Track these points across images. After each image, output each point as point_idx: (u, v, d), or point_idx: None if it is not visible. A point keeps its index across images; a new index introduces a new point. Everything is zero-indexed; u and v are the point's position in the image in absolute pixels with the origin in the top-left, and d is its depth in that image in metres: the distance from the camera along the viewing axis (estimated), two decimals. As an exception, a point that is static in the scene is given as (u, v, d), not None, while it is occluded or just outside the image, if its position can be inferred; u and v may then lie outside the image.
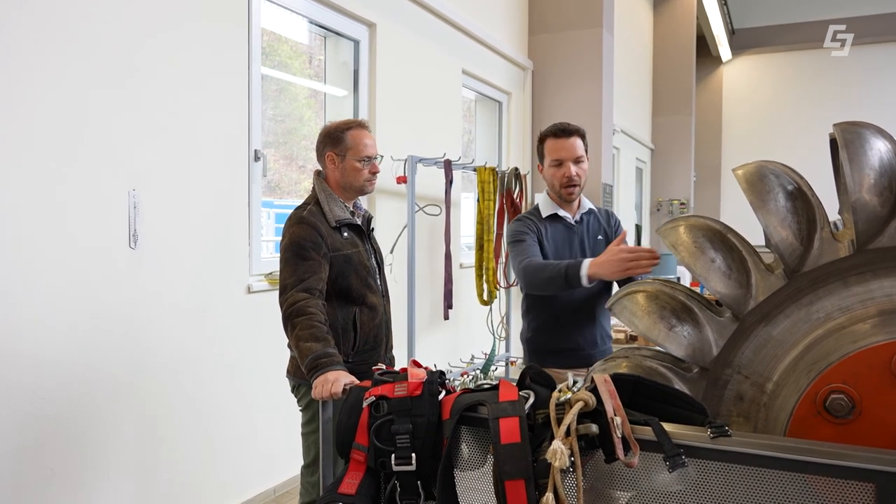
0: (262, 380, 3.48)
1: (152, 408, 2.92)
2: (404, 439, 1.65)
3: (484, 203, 5.02)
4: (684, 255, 1.78)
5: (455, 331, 5.46)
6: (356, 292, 2.28)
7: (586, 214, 2.55)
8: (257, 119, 3.45)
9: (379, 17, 4.42)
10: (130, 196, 2.76)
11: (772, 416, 1.71)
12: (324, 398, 1.82)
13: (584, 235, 2.50)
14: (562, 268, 2.17)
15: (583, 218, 2.53)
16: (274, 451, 3.60)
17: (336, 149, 2.34)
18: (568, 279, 2.15)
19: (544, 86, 7.01)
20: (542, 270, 2.24)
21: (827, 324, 1.69)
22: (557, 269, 2.19)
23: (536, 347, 2.49)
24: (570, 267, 2.16)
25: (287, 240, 2.22)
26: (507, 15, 6.61)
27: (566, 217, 2.50)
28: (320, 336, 2.02)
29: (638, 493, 1.51)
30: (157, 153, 2.90)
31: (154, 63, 2.88)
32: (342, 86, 4.44)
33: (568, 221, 2.50)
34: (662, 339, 1.76)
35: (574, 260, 2.19)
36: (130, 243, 2.76)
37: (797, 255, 1.66)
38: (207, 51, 3.15)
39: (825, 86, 12.39)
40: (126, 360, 2.79)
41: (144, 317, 2.86)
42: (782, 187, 1.70)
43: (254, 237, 3.44)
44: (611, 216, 2.63)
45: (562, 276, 2.17)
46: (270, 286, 3.48)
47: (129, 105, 2.78)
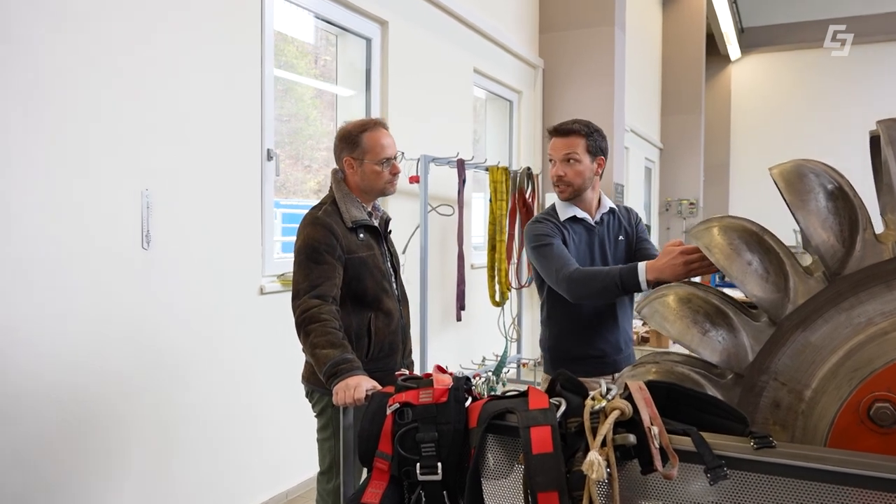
0: (275, 382, 3.43)
1: (163, 410, 2.87)
2: (429, 448, 1.59)
3: (496, 203, 4.96)
4: (719, 257, 1.71)
5: (466, 332, 5.40)
6: (371, 296, 2.21)
7: (607, 214, 2.46)
8: (270, 118, 3.40)
9: (391, 15, 4.37)
10: (143, 196, 2.71)
11: (811, 425, 1.65)
12: (346, 404, 1.77)
13: (604, 237, 2.42)
14: (615, 276, 2.06)
15: (603, 218, 2.44)
16: (286, 455, 3.55)
17: (353, 153, 2.26)
18: (625, 287, 2.04)
19: (555, 84, 6.94)
20: (592, 280, 2.11)
21: (868, 329, 1.62)
22: (610, 277, 2.07)
23: (559, 356, 2.39)
24: (626, 274, 2.04)
25: (301, 241, 2.16)
26: (518, 13, 6.55)
27: (585, 218, 2.41)
28: (337, 342, 1.96)
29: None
30: (170, 153, 2.86)
31: (166, 62, 2.84)
32: (350, 86, 4.38)
33: (588, 223, 2.41)
34: (696, 344, 1.70)
35: (626, 266, 2.07)
36: (143, 243, 2.72)
37: (839, 257, 1.59)
38: (220, 50, 3.10)
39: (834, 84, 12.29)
40: (137, 362, 2.75)
41: (156, 318, 2.82)
42: (822, 187, 1.63)
43: (266, 238, 3.39)
44: (631, 214, 2.54)
45: (616, 284, 2.05)
46: (283, 287, 3.43)
47: (142, 104, 2.74)
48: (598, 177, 2.41)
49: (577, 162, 2.33)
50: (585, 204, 2.41)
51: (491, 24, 5.76)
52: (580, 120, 2.39)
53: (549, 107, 6.96)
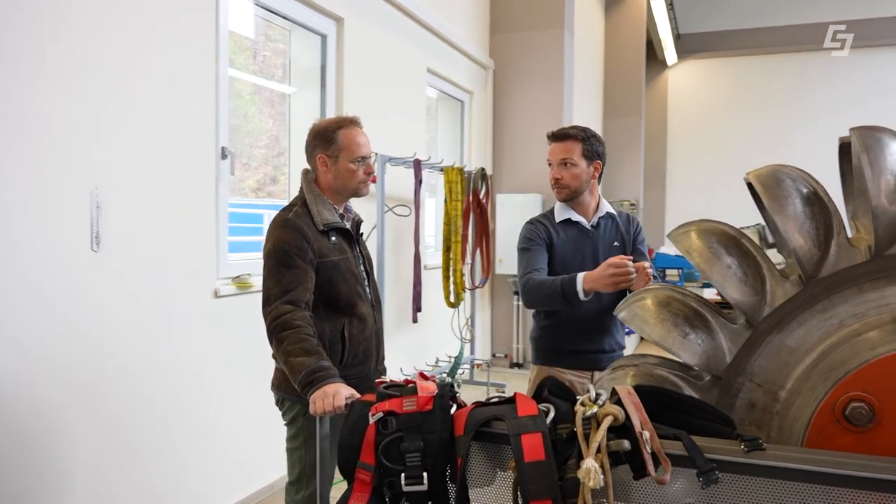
0: (233, 387, 3.32)
1: (116, 417, 2.73)
2: (415, 458, 1.55)
3: (451, 203, 4.94)
4: (699, 260, 1.73)
5: (419, 334, 5.35)
6: (345, 302, 2.15)
7: (604, 219, 2.53)
8: (224, 115, 3.27)
9: (347, 12, 4.29)
10: (93, 195, 2.56)
11: (786, 425, 1.68)
12: (325, 413, 1.71)
13: (598, 241, 2.49)
14: (557, 285, 2.20)
15: (600, 222, 2.52)
16: (245, 460, 3.44)
17: (328, 150, 2.19)
18: (565, 295, 2.18)
19: (505, 85, 6.98)
20: (539, 288, 2.27)
21: (841, 331, 1.67)
22: (553, 286, 2.21)
23: (545, 346, 2.51)
24: (566, 283, 2.18)
25: (271, 244, 2.08)
26: (470, 13, 6.55)
27: (581, 221, 2.49)
28: (312, 349, 1.89)
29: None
30: (121, 150, 2.71)
31: (117, 57, 2.69)
32: (298, 84, 4.27)
33: (583, 226, 2.49)
34: (677, 347, 1.72)
35: (568, 276, 2.21)
36: (93, 245, 2.57)
37: (814, 260, 1.63)
38: (174, 45, 2.97)
39: (766, 91, 12.78)
40: (89, 367, 2.61)
41: (108, 322, 2.68)
42: (798, 192, 1.67)
43: (221, 239, 3.27)
44: (631, 221, 2.60)
45: (558, 292, 2.20)
46: (238, 290, 3.31)
47: (92, 101, 2.59)
48: (595, 180, 2.50)
49: (573, 165, 2.42)
50: (583, 207, 2.49)
51: (444, 23, 5.74)
52: (577, 126, 2.49)
53: (499, 107, 6.99)
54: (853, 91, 11.70)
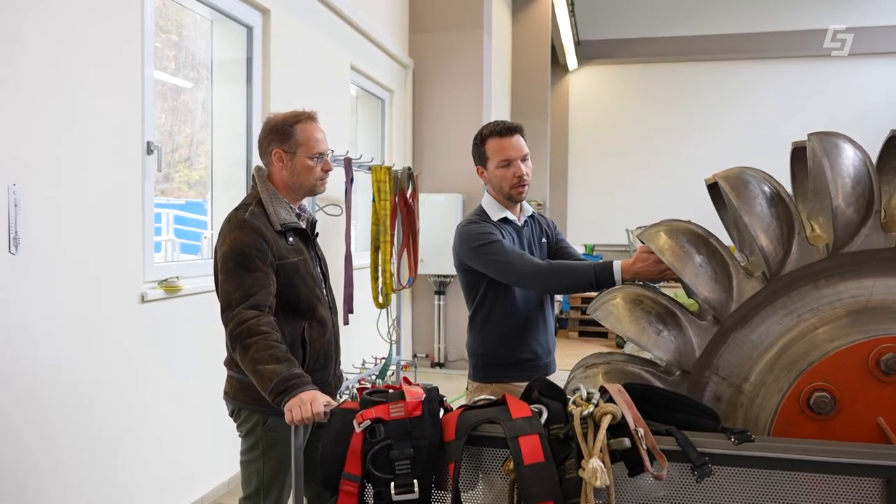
0: (162, 395, 3.11)
1: (40, 429, 2.49)
2: (405, 465, 1.50)
3: (380, 203, 4.86)
4: (672, 259, 1.78)
5: (347, 335, 5.22)
6: (305, 304, 2.06)
7: (529, 218, 2.47)
8: (150, 107, 3.06)
9: (273, 4, 4.12)
10: (10, 192, 2.32)
11: (751, 416, 1.76)
12: (303, 421, 1.62)
13: (530, 238, 2.43)
14: (589, 273, 2.07)
15: (527, 221, 2.45)
16: (182, 467, 3.25)
17: (284, 145, 2.08)
18: (599, 283, 2.06)
19: (425, 84, 6.96)
20: (566, 275, 2.12)
21: (799, 325, 1.76)
22: (585, 274, 2.08)
23: (494, 361, 2.33)
24: (600, 272, 2.06)
25: (228, 247, 1.95)
26: (390, 12, 6.48)
27: (514, 220, 2.38)
28: (282, 356, 1.80)
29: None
30: (41, 144, 2.47)
31: (36, 45, 2.45)
32: (216, 77, 4.07)
33: (516, 225, 2.39)
34: (651, 344, 1.76)
35: (601, 263, 2.09)
36: (10, 247, 2.33)
37: (778, 259, 1.72)
38: (98, 37, 2.74)
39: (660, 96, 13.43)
40: (7, 377, 2.36)
41: (27, 329, 2.43)
42: (763, 193, 1.75)
43: (147, 240, 3.05)
44: (547, 219, 2.58)
45: (590, 281, 2.07)
46: (166, 295, 3.11)
47: (8, 91, 2.34)
48: None
49: (529, 160, 2.33)
50: (514, 206, 2.39)
51: (367, 21, 5.65)
52: (506, 120, 2.38)
53: (419, 107, 6.97)
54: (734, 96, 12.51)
